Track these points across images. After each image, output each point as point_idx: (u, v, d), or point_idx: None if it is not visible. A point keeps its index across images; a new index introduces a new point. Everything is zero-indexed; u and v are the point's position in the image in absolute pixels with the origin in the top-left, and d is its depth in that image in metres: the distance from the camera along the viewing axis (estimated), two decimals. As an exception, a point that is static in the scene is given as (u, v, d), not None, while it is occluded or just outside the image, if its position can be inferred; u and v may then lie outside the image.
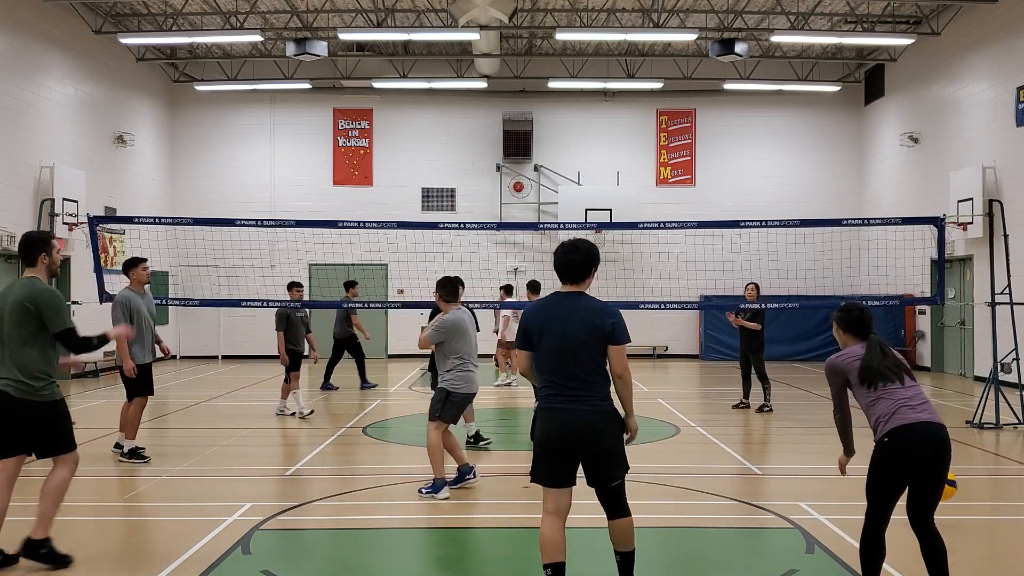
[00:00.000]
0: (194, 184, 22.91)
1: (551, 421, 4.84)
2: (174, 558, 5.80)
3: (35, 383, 5.64)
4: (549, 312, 4.96)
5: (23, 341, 5.59)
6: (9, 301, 5.65)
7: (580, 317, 4.87)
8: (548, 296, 5.12)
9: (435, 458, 7.57)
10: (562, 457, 4.82)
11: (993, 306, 11.70)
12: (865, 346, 5.06)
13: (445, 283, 8.01)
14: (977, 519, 7.17)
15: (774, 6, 18.27)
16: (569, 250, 5.03)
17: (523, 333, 5.04)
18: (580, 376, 4.82)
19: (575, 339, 4.83)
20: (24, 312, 5.59)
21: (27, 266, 5.88)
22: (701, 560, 6.11)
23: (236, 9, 18.23)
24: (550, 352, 4.87)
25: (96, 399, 14.77)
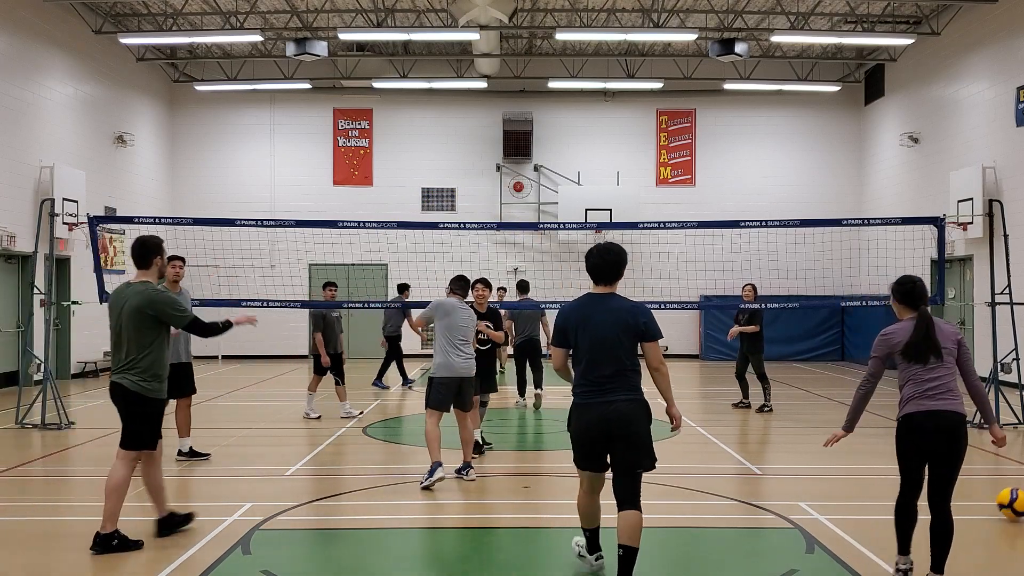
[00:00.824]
0: (194, 184, 22.91)
1: (587, 414, 5.19)
2: (174, 558, 5.80)
3: (152, 382, 6.09)
4: (585, 312, 5.27)
5: (143, 345, 6.04)
6: (126, 306, 6.05)
7: (615, 317, 5.20)
8: (583, 296, 5.41)
9: (428, 444, 7.96)
10: (598, 445, 5.20)
11: (993, 306, 11.70)
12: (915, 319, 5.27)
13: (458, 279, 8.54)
14: (977, 519, 7.16)
15: (774, 6, 18.27)
16: (605, 252, 5.34)
17: (560, 331, 5.35)
18: (615, 371, 5.16)
19: (611, 337, 5.16)
20: (143, 318, 6.02)
21: (140, 268, 6.25)
22: (701, 560, 6.11)
23: (236, 9, 18.23)
24: (587, 350, 5.19)
25: (96, 399, 14.76)
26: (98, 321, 18.24)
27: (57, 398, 11.47)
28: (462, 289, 8.52)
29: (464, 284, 8.59)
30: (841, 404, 13.82)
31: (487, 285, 9.60)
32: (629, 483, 5.20)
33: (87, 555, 6.01)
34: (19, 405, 11.52)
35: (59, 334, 17.11)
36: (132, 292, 6.10)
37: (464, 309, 8.34)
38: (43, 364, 11.84)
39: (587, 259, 5.39)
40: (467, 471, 8.18)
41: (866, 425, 11.80)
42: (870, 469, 8.90)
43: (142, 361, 6.04)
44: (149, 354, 6.05)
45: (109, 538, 5.94)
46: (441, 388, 8.10)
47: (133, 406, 6.05)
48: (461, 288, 8.52)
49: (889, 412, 12.79)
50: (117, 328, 6.11)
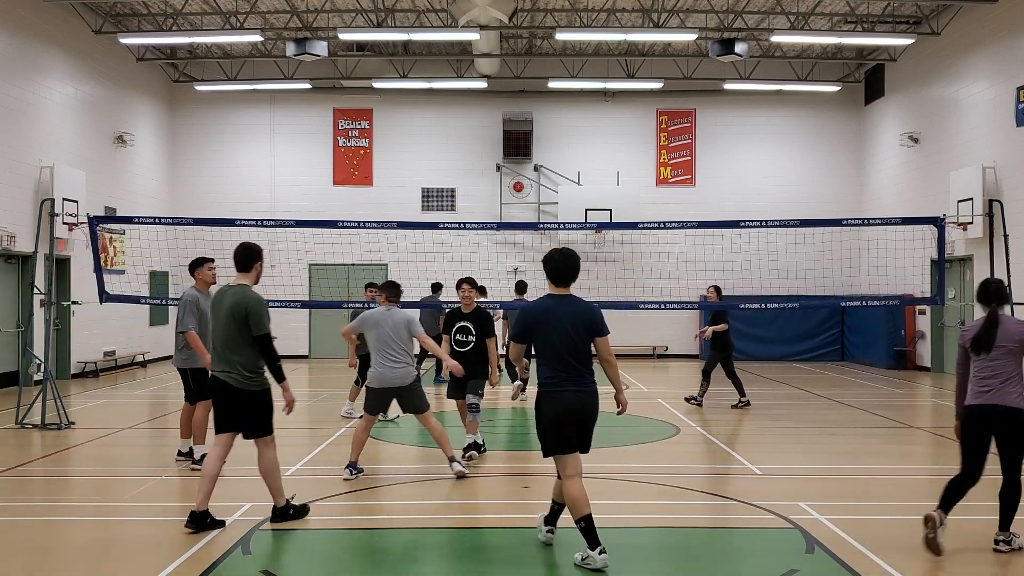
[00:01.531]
0: (194, 184, 22.91)
1: (561, 400, 5.73)
2: (174, 558, 5.80)
3: (252, 375, 6.59)
4: (550, 311, 5.84)
5: (244, 341, 6.55)
6: (226, 306, 6.59)
7: (577, 315, 5.83)
8: (546, 297, 5.96)
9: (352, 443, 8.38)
10: (572, 427, 5.73)
11: (993, 306, 11.69)
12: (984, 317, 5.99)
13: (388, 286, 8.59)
14: (977, 519, 7.16)
15: (774, 6, 18.27)
16: (566, 257, 5.94)
17: (523, 328, 5.89)
18: (580, 363, 5.78)
19: (575, 334, 5.77)
20: (239, 316, 6.54)
21: (241, 272, 6.84)
22: (701, 560, 6.11)
23: (236, 9, 18.23)
24: (555, 345, 5.75)
25: (96, 399, 14.77)
26: (98, 321, 18.26)
27: (57, 398, 11.48)
28: (395, 296, 8.47)
29: (396, 290, 8.51)
30: (841, 404, 13.83)
31: (473, 285, 9.37)
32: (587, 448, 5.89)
33: (87, 555, 6.01)
34: (19, 405, 11.52)
35: (59, 334, 17.12)
36: (231, 293, 6.65)
37: (394, 321, 8.27)
38: (43, 364, 11.84)
39: (547, 262, 5.95)
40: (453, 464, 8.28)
41: (866, 425, 11.87)
42: (870, 469, 8.90)
43: (240, 356, 6.52)
44: (245, 350, 6.54)
45: (284, 510, 6.70)
46: (373, 396, 8.33)
47: (241, 401, 6.58)
48: (394, 295, 8.47)
49: (889, 412, 12.87)
50: (217, 328, 6.65)
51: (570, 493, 5.69)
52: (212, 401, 6.76)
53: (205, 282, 8.99)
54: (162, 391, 16.23)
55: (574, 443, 5.76)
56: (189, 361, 8.78)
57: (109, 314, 17.99)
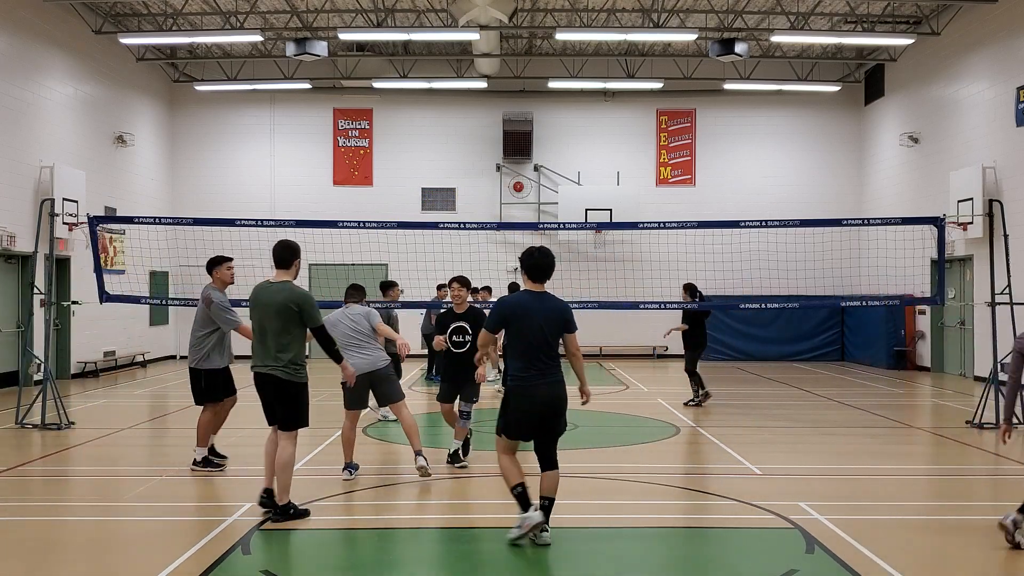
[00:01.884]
0: (194, 184, 22.91)
1: (532, 393, 6.11)
2: (174, 558, 5.80)
3: (299, 367, 6.88)
4: (526, 307, 6.17)
5: (293, 335, 6.81)
6: (271, 302, 6.81)
7: (552, 312, 6.20)
8: (523, 293, 6.32)
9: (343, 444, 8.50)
10: (539, 421, 6.15)
11: (993, 306, 11.70)
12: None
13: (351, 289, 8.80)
14: (977, 519, 7.17)
15: (774, 6, 18.27)
16: (543, 256, 6.27)
17: (499, 319, 6.23)
18: (550, 357, 6.15)
19: (550, 329, 6.15)
20: (289, 312, 6.77)
21: (281, 269, 7.02)
22: (701, 560, 6.11)
23: (236, 9, 18.23)
24: (528, 339, 6.10)
25: (96, 399, 14.77)
26: (98, 321, 18.26)
27: (57, 398, 11.48)
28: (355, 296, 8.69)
29: (358, 292, 8.73)
30: (841, 404, 13.83)
31: (464, 284, 9.04)
32: (553, 448, 6.26)
33: (87, 555, 6.01)
34: (19, 405, 11.52)
35: (59, 334, 17.12)
36: (276, 289, 6.86)
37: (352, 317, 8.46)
38: (43, 364, 11.84)
39: (526, 260, 6.26)
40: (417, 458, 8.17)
41: (866, 425, 11.87)
42: (870, 469, 8.90)
43: (288, 352, 6.77)
44: (293, 344, 6.79)
45: (287, 507, 6.75)
46: (349, 390, 8.34)
47: (287, 393, 6.82)
48: (355, 296, 8.69)
49: (889, 412, 12.87)
50: (260, 323, 6.84)
51: (506, 466, 6.24)
52: (260, 396, 6.98)
53: (223, 281, 8.91)
54: (162, 391, 16.23)
55: (530, 435, 6.22)
56: (206, 362, 8.75)
57: (109, 314, 17.99)
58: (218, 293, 8.73)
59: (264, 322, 6.84)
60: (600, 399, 14.59)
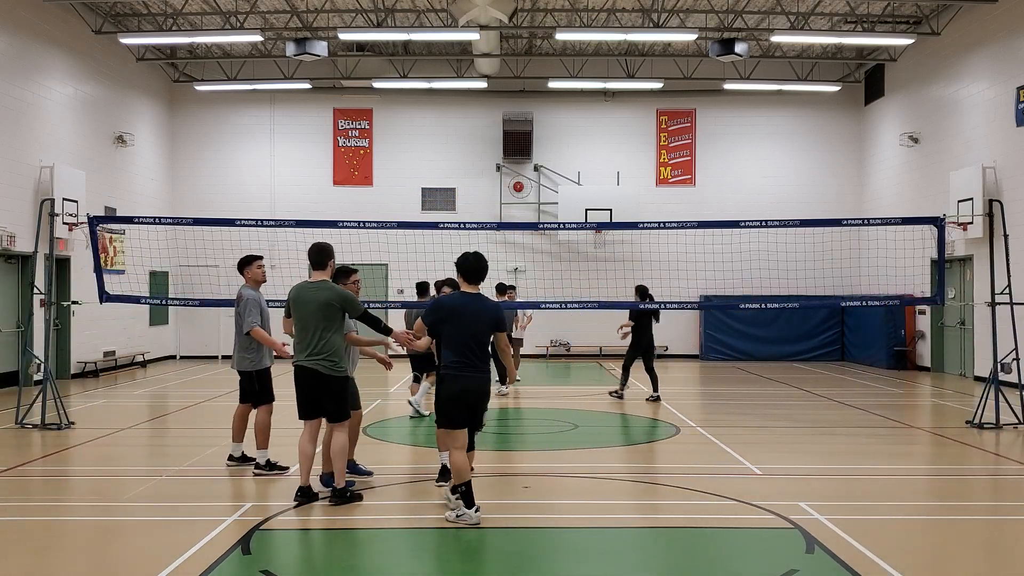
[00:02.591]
0: (194, 184, 22.91)
1: (461, 384, 6.72)
2: (174, 558, 5.80)
3: (339, 362, 7.29)
4: (462, 307, 6.79)
5: (332, 332, 7.26)
6: (313, 301, 7.25)
7: (485, 312, 6.83)
8: (458, 293, 6.98)
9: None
10: (467, 408, 6.79)
11: (993, 306, 11.70)
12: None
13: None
14: (977, 519, 7.17)
15: (774, 6, 18.27)
16: (477, 260, 6.89)
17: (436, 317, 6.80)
18: (481, 353, 6.79)
19: (481, 328, 6.79)
20: (331, 309, 7.24)
21: (317, 269, 7.49)
22: (701, 560, 6.10)
23: (236, 9, 18.23)
24: (461, 336, 6.71)
25: (96, 399, 14.77)
26: (98, 321, 18.26)
27: (57, 398, 11.48)
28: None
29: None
30: (841, 404, 13.83)
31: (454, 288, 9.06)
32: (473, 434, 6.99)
33: (87, 555, 6.01)
34: (19, 405, 11.51)
35: (59, 334, 17.12)
36: (317, 288, 7.30)
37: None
38: (43, 364, 11.84)
39: (461, 263, 6.87)
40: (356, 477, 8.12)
41: (866, 425, 11.87)
42: (870, 469, 8.90)
43: (329, 346, 7.21)
44: (333, 340, 7.24)
45: (343, 491, 7.21)
46: None
47: (330, 386, 7.25)
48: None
49: (889, 412, 12.87)
50: (303, 321, 7.26)
51: (455, 462, 6.66)
52: (299, 390, 7.31)
53: (256, 280, 8.95)
54: (162, 391, 16.23)
55: (464, 421, 6.77)
56: (256, 363, 8.73)
57: (109, 314, 18.00)
58: (249, 291, 8.81)
59: (306, 319, 7.25)
60: (600, 399, 14.60)
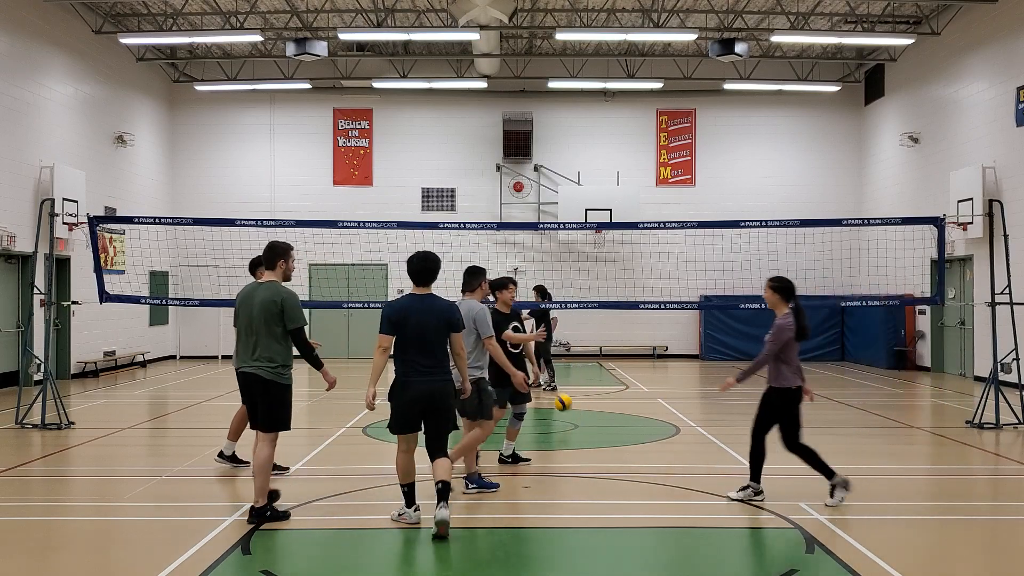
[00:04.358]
0: (194, 184, 22.91)
1: (413, 388, 6.52)
2: (174, 558, 5.80)
3: (284, 368, 6.87)
4: (412, 308, 6.54)
5: (274, 335, 6.82)
6: (258, 301, 6.85)
7: (436, 313, 6.55)
8: (408, 295, 6.66)
9: None
10: (417, 414, 6.57)
11: (993, 306, 11.70)
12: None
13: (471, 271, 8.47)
14: (977, 519, 7.17)
15: (774, 6, 18.27)
16: (425, 260, 6.63)
17: (391, 323, 6.52)
18: (435, 356, 6.53)
19: (434, 329, 6.52)
20: (274, 310, 6.80)
21: (267, 269, 7.07)
22: (701, 560, 6.10)
23: (236, 9, 18.23)
24: (414, 338, 6.49)
25: (96, 399, 14.77)
26: (98, 321, 18.26)
27: (57, 398, 11.48)
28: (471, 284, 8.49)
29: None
30: (841, 404, 13.83)
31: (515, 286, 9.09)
32: (442, 441, 6.61)
33: (87, 555, 6.01)
34: (19, 405, 11.52)
35: (59, 334, 17.12)
36: (262, 289, 6.91)
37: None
38: (43, 364, 11.85)
39: (409, 264, 6.63)
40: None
41: (866, 425, 11.86)
42: (870, 469, 8.90)
43: (273, 351, 6.79)
44: (278, 344, 6.81)
45: (263, 510, 6.64)
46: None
47: (269, 393, 6.80)
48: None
49: (889, 412, 12.87)
50: (247, 323, 6.89)
51: (399, 464, 6.61)
52: (243, 398, 7.05)
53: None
54: (162, 391, 16.23)
55: (412, 426, 6.60)
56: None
57: (109, 314, 18.01)
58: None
59: (249, 321, 6.88)
60: (600, 399, 14.59)
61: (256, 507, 6.66)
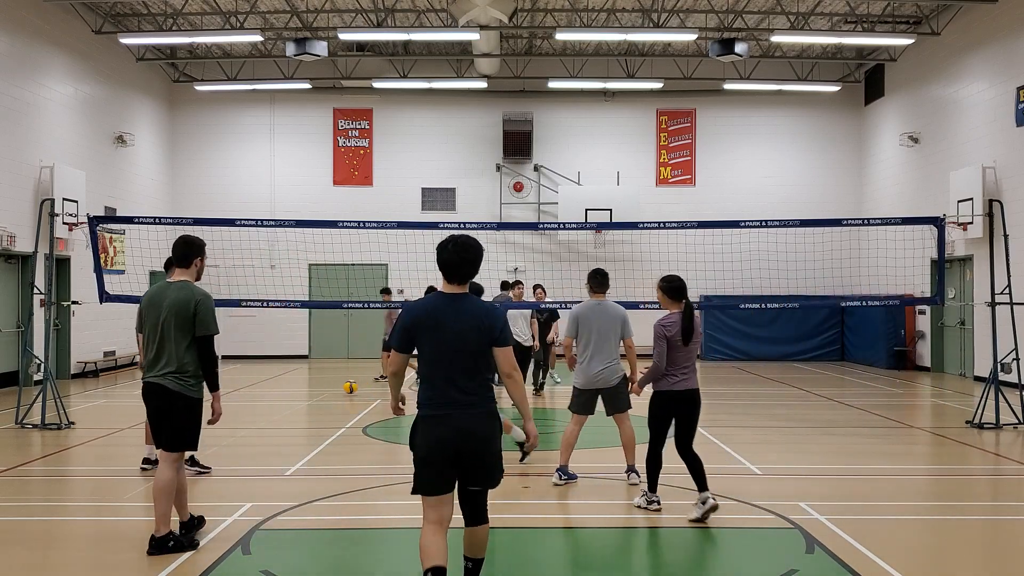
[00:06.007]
0: (194, 184, 22.92)
1: (441, 427, 4.58)
2: (174, 558, 5.80)
3: (195, 380, 6.05)
4: (437, 314, 4.67)
5: (185, 343, 6.00)
6: (169, 303, 6.02)
7: (472, 320, 4.64)
8: (434, 296, 4.80)
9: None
10: (449, 465, 4.61)
11: (993, 306, 11.70)
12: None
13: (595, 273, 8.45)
14: (977, 519, 7.17)
15: (774, 6, 18.27)
16: (462, 248, 4.74)
17: (405, 332, 4.69)
18: (470, 381, 4.62)
19: (466, 343, 4.61)
20: (187, 314, 5.99)
21: (180, 267, 6.29)
22: (701, 560, 6.10)
23: (236, 9, 18.23)
24: (442, 357, 4.62)
25: (96, 399, 14.77)
26: (98, 321, 18.25)
27: (57, 398, 11.48)
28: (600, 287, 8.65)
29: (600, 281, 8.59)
30: (841, 404, 13.83)
31: None
32: (482, 500, 4.79)
33: (87, 555, 6.01)
34: (19, 405, 11.52)
35: (59, 334, 17.11)
36: (174, 290, 6.10)
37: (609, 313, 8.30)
38: (43, 364, 11.84)
39: (441, 252, 4.77)
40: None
41: (866, 425, 11.86)
42: (870, 469, 8.90)
43: (185, 360, 6.00)
44: (190, 352, 6.01)
45: (164, 540, 5.92)
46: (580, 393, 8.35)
47: (175, 407, 5.98)
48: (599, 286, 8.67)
49: (889, 412, 12.86)
50: (157, 328, 6.03)
51: (425, 542, 4.65)
52: (148, 411, 6.10)
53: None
54: (162, 391, 16.22)
55: (441, 485, 4.63)
56: None
57: (109, 314, 17.99)
58: None
59: (158, 326, 6.03)
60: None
61: (158, 536, 5.89)
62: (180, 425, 5.99)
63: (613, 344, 8.06)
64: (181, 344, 5.98)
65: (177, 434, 6.00)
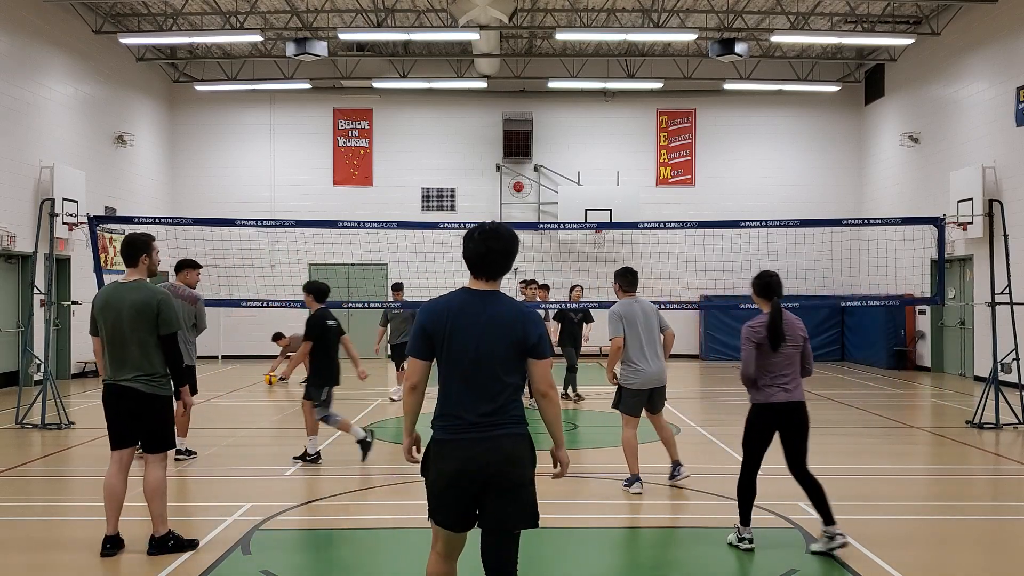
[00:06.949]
0: (194, 184, 22.92)
1: (458, 453, 3.84)
2: (174, 558, 5.80)
3: (164, 379, 5.98)
4: (461, 315, 3.91)
5: (150, 342, 5.89)
6: (127, 304, 5.88)
7: (501, 325, 3.89)
8: (458, 293, 4.02)
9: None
10: (469, 496, 3.86)
11: (993, 306, 11.70)
12: None
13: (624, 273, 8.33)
14: (977, 519, 7.17)
15: (774, 6, 18.27)
16: (491, 237, 4.00)
17: (423, 338, 3.93)
18: (495, 397, 3.86)
19: (496, 352, 3.85)
20: (149, 314, 5.88)
21: (128, 267, 6.22)
22: (701, 560, 6.10)
23: (236, 9, 18.23)
24: (462, 366, 3.86)
25: (96, 399, 14.74)
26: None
27: (57, 398, 11.48)
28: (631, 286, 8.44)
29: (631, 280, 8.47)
30: (841, 404, 13.83)
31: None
32: (506, 546, 3.92)
33: (87, 555, 6.01)
34: (19, 405, 11.52)
35: (59, 334, 17.11)
36: (129, 290, 5.97)
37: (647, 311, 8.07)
38: (43, 364, 11.84)
39: (467, 242, 4.03)
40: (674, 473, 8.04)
41: (866, 425, 11.86)
42: (870, 469, 8.90)
43: (152, 361, 5.90)
44: (156, 353, 5.91)
45: (164, 539, 5.95)
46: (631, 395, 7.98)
47: (151, 408, 5.91)
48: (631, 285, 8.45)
49: (890, 412, 12.86)
50: (114, 331, 5.88)
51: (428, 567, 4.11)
52: (110, 414, 5.93)
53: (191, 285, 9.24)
54: (162, 391, 16.22)
55: (463, 517, 3.92)
56: None
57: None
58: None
59: (119, 328, 5.85)
60: (600, 399, 14.59)
61: (158, 536, 5.93)
62: (159, 426, 5.98)
63: (658, 340, 8.02)
64: (148, 345, 5.88)
65: (158, 435, 5.99)
